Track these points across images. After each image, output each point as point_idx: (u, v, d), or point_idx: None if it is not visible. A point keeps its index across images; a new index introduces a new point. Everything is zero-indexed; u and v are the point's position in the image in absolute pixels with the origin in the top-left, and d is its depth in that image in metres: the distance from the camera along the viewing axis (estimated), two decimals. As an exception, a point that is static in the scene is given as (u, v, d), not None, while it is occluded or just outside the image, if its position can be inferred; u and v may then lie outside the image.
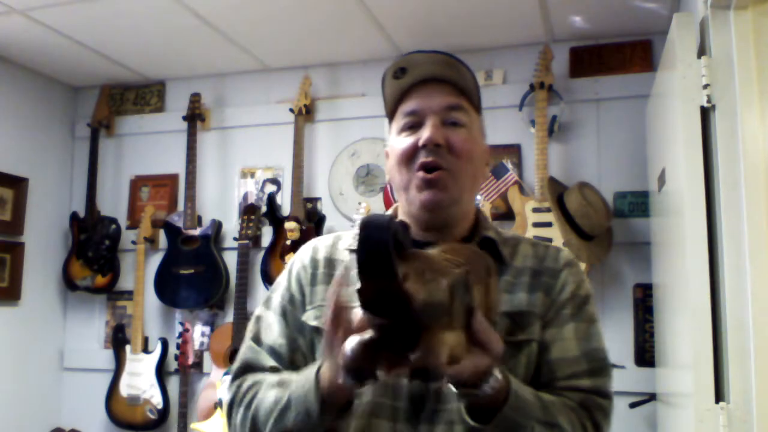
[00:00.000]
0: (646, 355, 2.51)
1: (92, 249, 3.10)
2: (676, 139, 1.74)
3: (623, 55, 2.70)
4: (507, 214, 2.67)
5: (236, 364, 1.11)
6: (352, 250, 1.09)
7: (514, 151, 2.76)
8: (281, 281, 1.15)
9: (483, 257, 0.83)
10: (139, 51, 2.95)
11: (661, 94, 2.07)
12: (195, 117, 3.08)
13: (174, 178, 3.20)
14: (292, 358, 1.07)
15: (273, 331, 1.09)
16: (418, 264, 0.67)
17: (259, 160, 3.08)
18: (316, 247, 1.14)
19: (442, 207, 1.04)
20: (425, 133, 1.02)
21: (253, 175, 3.09)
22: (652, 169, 2.38)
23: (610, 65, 2.71)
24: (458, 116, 1.06)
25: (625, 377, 2.46)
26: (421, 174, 1.02)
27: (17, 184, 3.04)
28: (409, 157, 1.04)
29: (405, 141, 1.06)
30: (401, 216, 1.15)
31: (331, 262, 1.11)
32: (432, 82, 1.07)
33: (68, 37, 2.77)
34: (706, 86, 1.61)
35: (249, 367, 1.08)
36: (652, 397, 2.37)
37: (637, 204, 2.59)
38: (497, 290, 0.87)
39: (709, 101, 1.60)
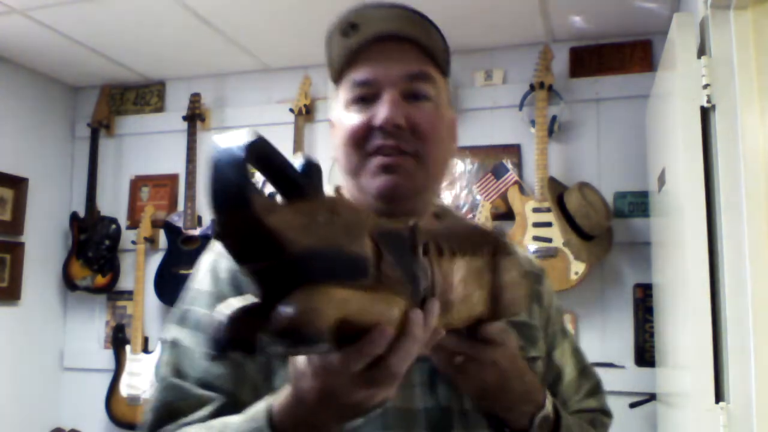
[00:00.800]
0: (646, 355, 2.51)
1: (92, 249, 3.10)
2: (676, 139, 1.74)
3: (623, 55, 2.70)
4: (507, 214, 2.67)
5: (149, 415, 0.80)
6: None
7: (514, 151, 2.76)
8: (202, 288, 0.86)
9: (486, 234, 0.74)
10: (139, 51, 2.95)
11: (661, 94, 2.07)
12: (195, 117, 3.08)
13: (174, 178, 3.20)
14: (235, 393, 0.79)
15: (202, 357, 0.80)
16: (333, 208, 0.52)
17: (259, 160, 3.07)
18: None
19: (403, 197, 0.83)
20: (382, 111, 0.81)
21: (253, 175, 3.09)
22: (652, 169, 2.38)
23: (610, 65, 2.71)
24: (423, 87, 0.84)
25: (625, 377, 2.46)
26: (377, 159, 0.82)
27: (17, 184, 3.04)
28: (360, 139, 0.83)
29: (355, 118, 0.84)
30: None
31: None
32: (390, 41, 0.84)
33: (68, 37, 2.77)
34: (706, 86, 1.61)
35: (171, 415, 0.78)
36: (652, 397, 2.37)
37: (637, 204, 2.59)
38: (513, 278, 0.75)
39: (709, 101, 1.60)
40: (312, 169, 0.52)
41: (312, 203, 0.51)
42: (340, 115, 0.88)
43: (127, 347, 3.02)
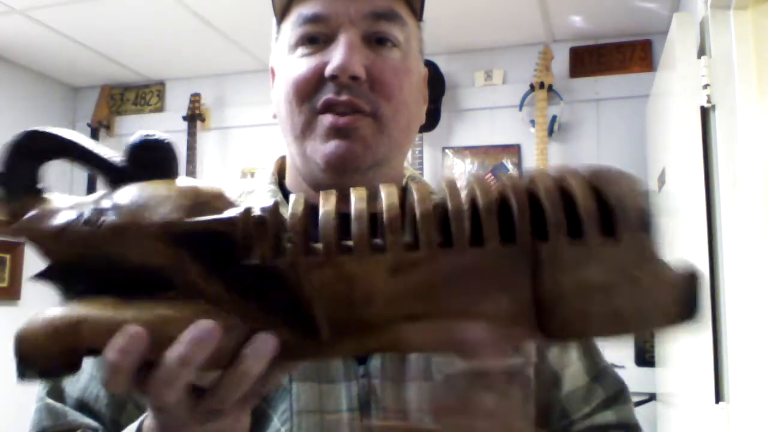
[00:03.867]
0: (646, 355, 2.51)
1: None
2: (676, 139, 1.74)
3: (623, 55, 2.70)
4: (507, 214, 2.67)
5: None
6: None
7: (514, 151, 2.76)
8: None
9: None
10: (139, 51, 2.95)
11: (661, 94, 2.07)
12: (195, 117, 3.08)
13: (174, 178, 3.20)
14: (115, 420, 0.65)
15: (83, 376, 0.67)
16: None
17: (259, 160, 3.08)
18: None
19: (357, 168, 0.65)
20: (336, 57, 0.63)
21: (253, 175, 3.09)
22: (652, 169, 2.37)
23: (610, 65, 2.71)
24: (390, 30, 0.67)
25: (625, 377, 2.45)
26: (328, 117, 0.64)
27: (17, 184, 3.04)
28: (306, 93, 0.66)
29: (302, 64, 0.66)
30: (290, 178, 0.74)
31: None
32: None
33: (68, 37, 2.77)
34: (706, 86, 1.61)
35: None
36: (652, 397, 2.37)
37: (637, 204, 2.59)
38: (586, 280, 0.39)
39: (709, 101, 1.60)
40: (141, 153, 0.42)
41: (86, 202, 0.42)
42: (283, 61, 0.69)
43: (127, 347, 3.01)
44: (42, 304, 0.39)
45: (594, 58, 2.74)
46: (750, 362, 1.44)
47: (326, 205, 0.40)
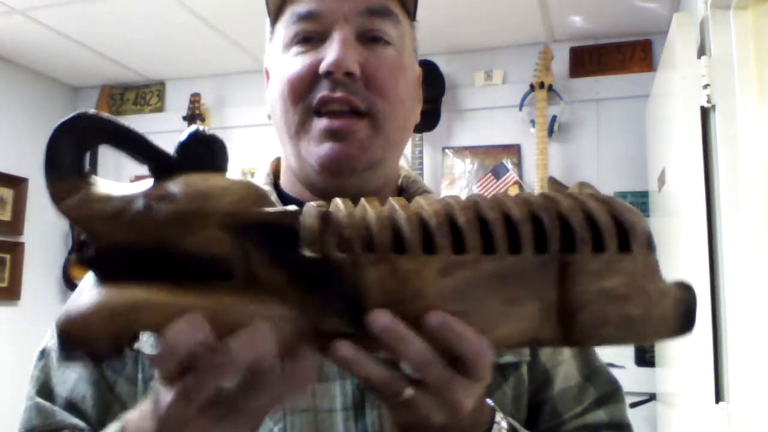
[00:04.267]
0: (646, 355, 2.51)
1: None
2: (676, 139, 1.74)
3: (623, 55, 2.70)
4: (507, 214, 2.67)
5: None
6: None
7: (514, 151, 2.76)
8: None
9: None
10: (139, 51, 2.95)
11: (661, 94, 2.07)
12: (195, 117, 3.08)
13: (174, 178, 3.20)
14: (103, 418, 0.64)
15: (71, 375, 0.66)
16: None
17: (259, 160, 3.07)
18: None
19: (353, 169, 0.65)
20: (331, 53, 0.63)
21: (253, 175, 3.09)
22: (652, 169, 2.38)
23: (610, 65, 2.71)
24: (384, 27, 0.67)
25: (625, 377, 2.46)
26: (323, 121, 0.64)
27: (17, 184, 3.04)
28: (300, 91, 0.65)
29: (296, 63, 0.66)
30: (285, 179, 0.74)
31: None
32: None
33: (68, 37, 2.77)
34: (706, 86, 1.61)
35: None
36: (652, 397, 2.37)
37: (637, 204, 2.59)
38: (611, 288, 0.43)
39: (709, 101, 1.60)
40: (194, 146, 0.43)
41: (141, 188, 0.41)
42: (278, 60, 0.69)
43: (127, 347, 3.01)
44: (42, 304, 0.39)
45: (594, 58, 2.74)
46: (750, 362, 1.44)
47: (373, 209, 0.43)
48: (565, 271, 0.42)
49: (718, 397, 1.51)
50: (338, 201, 0.44)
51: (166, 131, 3.21)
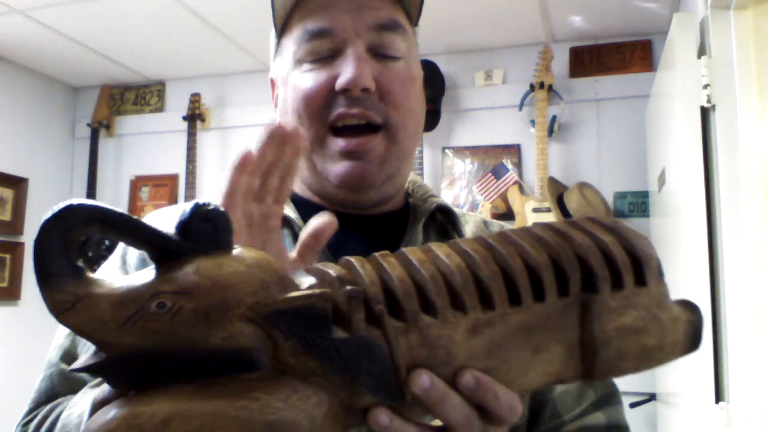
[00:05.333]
0: (646, 355, 2.50)
1: (92, 249, 3.09)
2: (676, 139, 1.74)
3: (623, 55, 2.70)
4: (507, 214, 2.66)
5: (28, 406, 0.71)
6: None
7: (514, 151, 2.76)
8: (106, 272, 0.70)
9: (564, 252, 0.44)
10: (139, 51, 2.95)
11: (661, 94, 2.07)
12: (195, 117, 3.08)
13: (174, 178, 3.20)
14: None
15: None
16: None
17: (259, 160, 3.07)
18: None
19: (372, 185, 0.68)
20: (347, 71, 0.64)
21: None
22: (652, 169, 2.38)
23: (610, 65, 2.71)
24: (394, 41, 0.69)
25: (625, 377, 2.45)
26: (340, 142, 0.66)
27: (17, 184, 3.04)
28: (318, 108, 0.66)
29: (310, 79, 0.67)
30: (300, 185, 0.75)
31: None
32: None
33: (68, 37, 2.77)
34: (706, 86, 1.61)
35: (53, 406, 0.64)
36: (652, 397, 2.37)
37: (637, 204, 2.59)
38: (628, 324, 0.44)
39: (709, 101, 1.60)
40: (197, 225, 0.39)
41: (152, 280, 0.38)
42: (288, 74, 0.70)
43: (127, 347, 3.01)
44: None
45: (594, 58, 2.74)
46: (750, 362, 1.44)
47: (394, 270, 0.41)
48: (586, 310, 0.43)
49: (718, 397, 1.51)
50: (353, 261, 0.41)
51: (166, 131, 3.22)
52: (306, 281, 0.40)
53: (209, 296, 0.37)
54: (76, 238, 0.37)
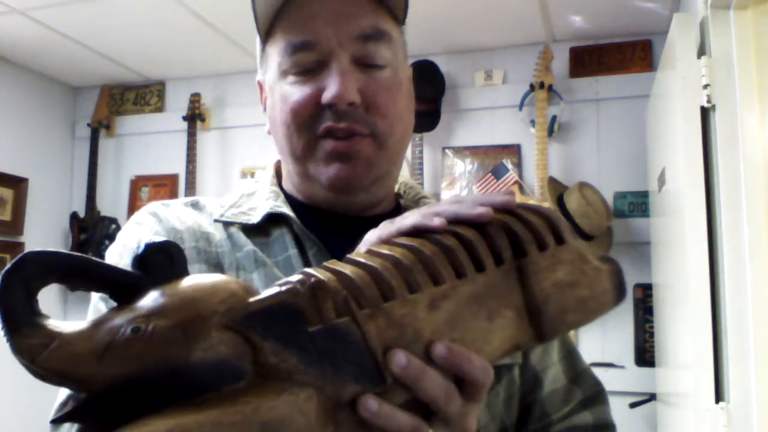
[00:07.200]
0: (646, 355, 2.51)
1: (92, 249, 3.10)
2: (676, 139, 1.74)
3: (623, 55, 2.70)
4: (507, 214, 2.67)
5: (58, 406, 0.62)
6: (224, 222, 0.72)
7: (514, 151, 2.76)
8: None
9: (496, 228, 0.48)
10: (139, 51, 2.95)
11: (661, 94, 2.07)
12: (195, 117, 3.08)
13: (174, 178, 3.20)
14: None
15: None
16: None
17: (259, 160, 3.08)
18: (167, 216, 0.72)
19: (361, 187, 0.70)
20: (333, 86, 0.65)
21: (253, 175, 3.09)
22: (652, 169, 2.38)
23: (610, 65, 2.71)
24: (378, 51, 0.68)
25: (625, 377, 2.46)
26: (330, 143, 0.67)
27: (17, 184, 3.04)
28: (305, 120, 0.68)
29: (296, 92, 0.68)
30: (288, 183, 0.77)
31: (203, 236, 0.70)
32: None
33: (68, 37, 2.77)
34: (706, 86, 1.61)
35: None
36: (652, 397, 2.37)
37: (637, 204, 2.59)
38: (562, 279, 0.48)
39: (709, 101, 1.60)
40: (152, 258, 0.40)
41: (120, 312, 0.38)
42: (274, 84, 0.71)
43: (127, 347, 3.01)
44: (42, 304, 0.38)
45: (594, 58, 2.74)
46: (750, 362, 1.44)
47: (346, 267, 0.44)
48: (523, 274, 0.47)
49: (718, 397, 1.51)
50: (307, 270, 0.43)
51: (166, 131, 3.22)
52: (269, 290, 0.41)
53: (181, 311, 0.37)
54: (37, 287, 0.37)
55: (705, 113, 1.63)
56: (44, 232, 3.17)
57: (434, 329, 0.43)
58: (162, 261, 0.40)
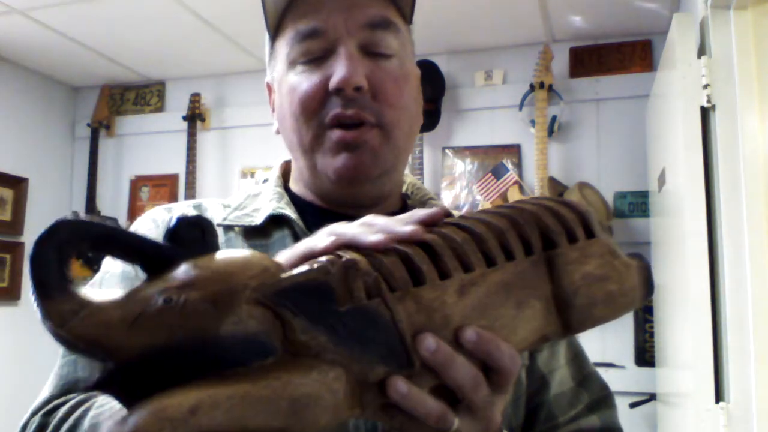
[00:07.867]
0: (646, 355, 2.51)
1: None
2: (676, 139, 1.74)
3: (623, 55, 2.70)
4: (507, 214, 2.67)
5: (46, 392, 0.70)
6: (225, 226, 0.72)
7: (514, 151, 2.76)
8: (111, 269, 0.72)
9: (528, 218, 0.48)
10: (139, 51, 2.95)
11: (661, 94, 2.07)
12: (195, 117, 3.08)
13: (174, 178, 3.20)
14: None
15: None
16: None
17: (259, 160, 3.08)
18: (165, 221, 0.73)
19: (367, 178, 0.69)
20: (339, 70, 0.65)
21: (253, 175, 3.09)
22: (652, 169, 2.38)
23: (610, 65, 2.71)
24: (386, 39, 0.68)
25: (625, 377, 2.46)
26: (337, 132, 0.67)
27: (17, 184, 3.04)
28: (312, 108, 0.67)
29: (304, 80, 0.68)
30: (295, 184, 0.77)
31: None
32: None
33: (68, 37, 2.77)
34: (706, 86, 1.61)
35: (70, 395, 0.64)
36: (652, 397, 2.37)
37: (637, 204, 2.59)
38: (590, 273, 0.48)
39: (709, 101, 1.60)
40: (185, 232, 0.40)
41: (152, 284, 0.38)
42: (283, 77, 0.71)
43: (127, 347, 3.01)
44: None
45: (594, 58, 2.74)
46: (750, 362, 1.44)
47: (375, 252, 0.44)
48: (553, 266, 0.47)
49: (718, 397, 1.51)
50: (337, 252, 0.43)
51: (166, 131, 3.22)
52: (300, 267, 0.41)
53: (213, 284, 0.37)
54: (70, 253, 0.37)
55: (705, 113, 1.63)
56: (44, 232, 3.17)
57: (463, 315, 0.43)
58: (194, 235, 0.40)
